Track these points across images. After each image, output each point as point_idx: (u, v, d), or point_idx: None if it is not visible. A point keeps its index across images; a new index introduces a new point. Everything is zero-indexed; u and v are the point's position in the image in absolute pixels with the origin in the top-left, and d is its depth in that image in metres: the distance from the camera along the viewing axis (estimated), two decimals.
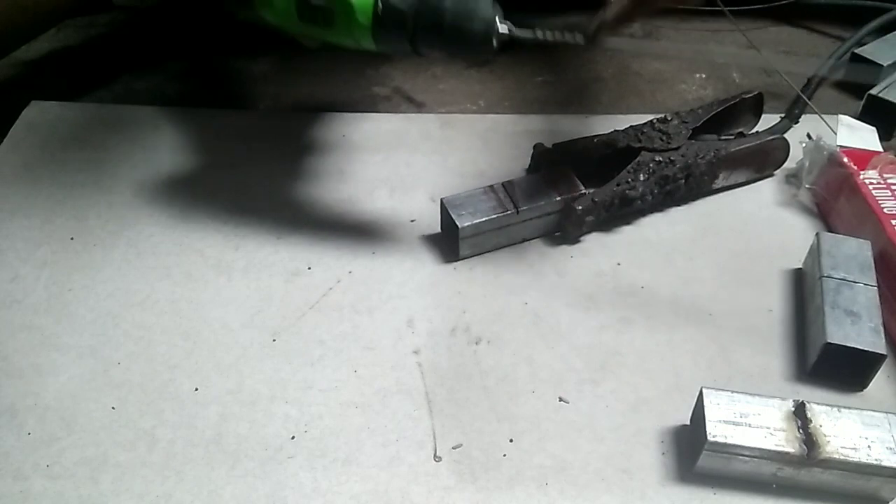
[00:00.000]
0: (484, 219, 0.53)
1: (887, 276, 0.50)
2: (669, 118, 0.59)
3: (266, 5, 0.47)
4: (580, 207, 0.54)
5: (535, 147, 0.59)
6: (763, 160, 0.60)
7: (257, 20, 0.49)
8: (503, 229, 0.54)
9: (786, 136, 0.61)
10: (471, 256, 0.54)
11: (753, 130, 0.63)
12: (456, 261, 0.54)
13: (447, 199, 0.54)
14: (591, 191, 0.55)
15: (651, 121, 0.60)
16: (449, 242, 0.54)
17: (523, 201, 0.54)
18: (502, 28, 0.45)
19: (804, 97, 0.65)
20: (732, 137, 0.60)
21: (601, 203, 0.55)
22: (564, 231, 0.55)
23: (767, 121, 0.64)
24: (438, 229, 0.56)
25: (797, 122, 0.65)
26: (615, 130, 0.60)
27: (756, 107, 0.63)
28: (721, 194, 0.60)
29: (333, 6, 0.45)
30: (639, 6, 0.46)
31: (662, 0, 0.47)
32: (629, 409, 0.46)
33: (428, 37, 0.45)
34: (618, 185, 0.55)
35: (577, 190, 0.55)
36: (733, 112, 0.61)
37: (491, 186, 0.55)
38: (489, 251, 0.55)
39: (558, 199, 0.54)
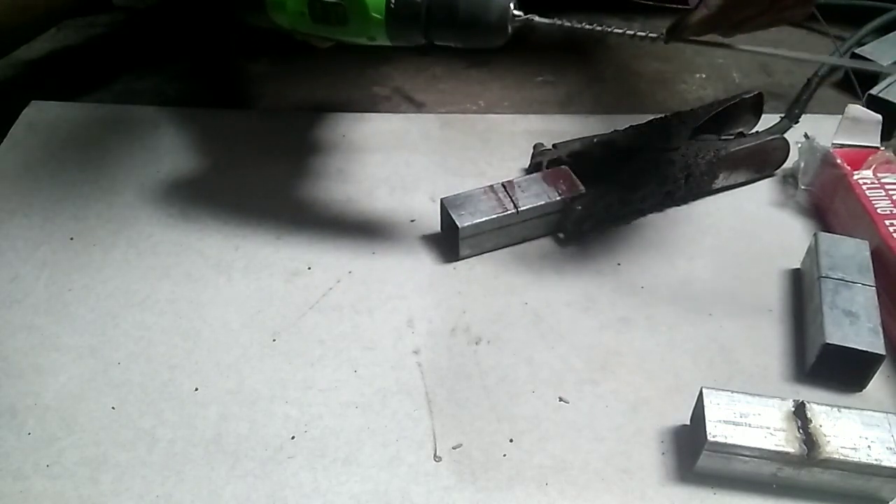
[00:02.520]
0: (484, 219, 0.53)
1: (882, 276, 0.50)
2: (669, 118, 0.59)
3: (277, 9, 0.47)
4: (580, 207, 0.54)
5: (534, 147, 0.59)
6: (763, 160, 0.60)
7: (268, 24, 0.49)
8: (503, 229, 0.54)
9: (786, 135, 0.61)
10: (471, 256, 0.54)
11: (753, 130, 0.63)
12: (456, 261, 0.54)
13: (447, 200, 0.54)
14: (592, 191, 0.55)
15: (651, 121, 0.60)
16: (449, 242, 0.54)
17: (523, 201, 0.54)
18: (517, 14, 0.44)
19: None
20: (732, 137, 0.60)
21: (602, 203, 0.55)
22: (565, 231, 0.55)
23: (767, 120, 0.64)
24: (438, 229, 0.56)
25: (797, 122, 0.65)
26: (615, 130, 0.60)
27: (756, 107, 0.63)
28: (721, 194, 0.60)
29: (346, 3, 0.45)
30: (726, 17, 0.43)
31: (751, 17, 0.44)
32: (629, 409, 0.46)
33: (442, 27, 0.44)
34: (618, 184, 0.55)
35: (577, 190, 0.55)
36: (733, 112, 0.61)
37: (491, 186, 0.55)
38: (489, 251, 0.55)
39: (559, 198, 0.54)
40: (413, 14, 0.44)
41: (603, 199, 0.55)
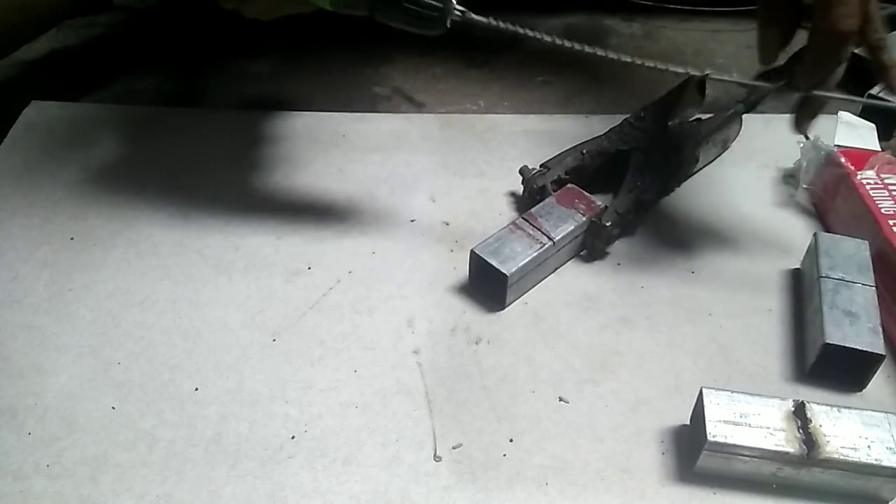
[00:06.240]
0: (527, 259, 0.50)
1: (884, 277, 0.50)
2: (642, 114, 0.60)
3: None
4: (608, 223, 0.53)
5: (522, 172, 0.57)
6: (725, 137, 0.62)
7: None
8: (541, 265, 0.51)
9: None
10: (513, 302, 0.52)
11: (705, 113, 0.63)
12: (500, 310, 0.51)
13: (479, 248, 0.50)
14: (610, 203, 0.54)
15: (626, 120, 0.60)
16: (486, 292, 0.51)
17: (553, 231, 0.51)
18: (457, 11, 0.44)
19: None
20: (693, 121, 0.61)
21: (624, 213, 0.54)
22: (592, 249, 0.54)
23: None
24: (438, 229, 0.56)
25: (751, 111, 0.66)
26: (597, 137, 0.59)
27: (700, 86, 0.63)
28: (720, 195, 0.60)
29: None
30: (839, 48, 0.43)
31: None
32: (629, 409, 0.46)
33: (385, 7, 0.44)
34: (629, 191, 0.55)
35: (595, 205, 0.53)
36: (685, 95, 0.62)
37: (514, 223, 0.52)
38: (527, 291, 0.52)
39: (584, 219, 0.53)
40: None
41: (624, 208, 0.54)
